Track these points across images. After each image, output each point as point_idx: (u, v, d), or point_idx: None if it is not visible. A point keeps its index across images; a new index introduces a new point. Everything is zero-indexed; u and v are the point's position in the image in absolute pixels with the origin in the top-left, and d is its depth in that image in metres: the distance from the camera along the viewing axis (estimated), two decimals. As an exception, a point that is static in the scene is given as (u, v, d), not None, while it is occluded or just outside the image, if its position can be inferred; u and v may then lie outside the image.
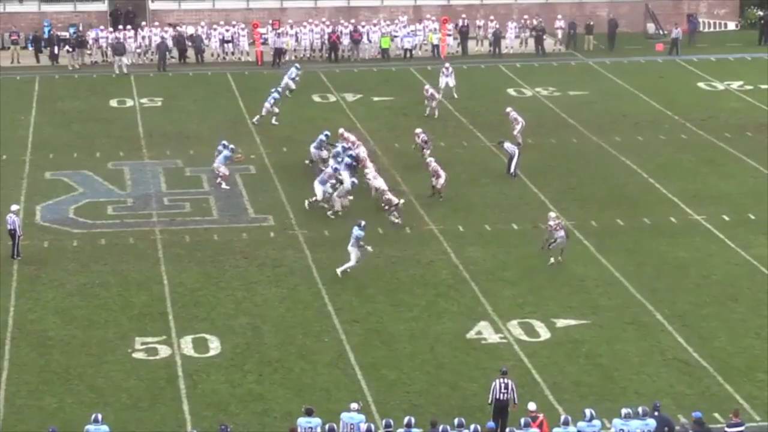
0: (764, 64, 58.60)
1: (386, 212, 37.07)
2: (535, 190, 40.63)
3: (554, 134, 47.02)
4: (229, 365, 28.63)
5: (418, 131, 43.02)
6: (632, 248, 35.76)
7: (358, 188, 38.39)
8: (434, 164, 39.40)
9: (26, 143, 45.58)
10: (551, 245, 34.41)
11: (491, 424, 24.56)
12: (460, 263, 34.61)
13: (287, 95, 49.78)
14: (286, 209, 38.73)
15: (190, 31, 59.60)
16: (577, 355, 29.26)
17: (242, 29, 59.65)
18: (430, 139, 43.04)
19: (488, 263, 34.69)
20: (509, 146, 42.15)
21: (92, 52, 58.52)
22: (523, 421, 24.01)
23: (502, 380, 25.48)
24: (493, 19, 61.49)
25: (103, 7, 62.75)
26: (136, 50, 58.82)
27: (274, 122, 47.53)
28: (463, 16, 61.60)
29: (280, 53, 57.97)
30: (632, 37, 63.86)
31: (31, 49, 59.04)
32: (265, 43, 59.11)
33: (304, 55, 59.52)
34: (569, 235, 35.07)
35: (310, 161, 41.92)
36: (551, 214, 35.19)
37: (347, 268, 33.57)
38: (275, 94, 48.06)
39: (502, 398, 25.34)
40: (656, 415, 24.41)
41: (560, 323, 30.86)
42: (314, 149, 41.86)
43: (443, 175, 39.22)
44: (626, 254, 35.30)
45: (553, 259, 34.41)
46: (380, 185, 38.33)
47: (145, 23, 60.26)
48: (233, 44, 59.57)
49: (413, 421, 23.97)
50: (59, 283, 33.25)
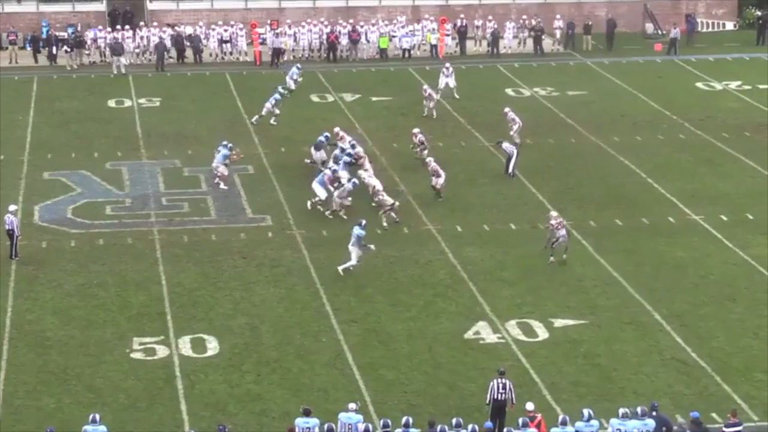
0: (762, 64, 58.61)
1: (381, 213, 36.98)
2: (533, 190, 40.62)
3: (552, 134, 47.01)
4: (227, 365, 28.63)
5: (415, 131, 43.04)
6: (630, 248, 35.76)
7: (358, 188, 38.33)
8: (434, 164, 39.41)
9: (24, 143, 45.57)
10: (554, 244, 34.42)
11: (489, 424, 24.56)
12: (458, 263, 34.61)
13: (286, 95, 49.75)
14: (284, 209, 38.72)
15: (188, 31, 59.58)
16: (575, 355, 29.26)
17: (240, 29, 59.63)
18: (427, 139, 43.02)
19: (486, 263, 34.68)
20: (507, 146, 42.13)
21: (90, 52, 58.49)
22: (521, 421, 24.04)
23: (499, 380, 25.48)
24: (491, 19, 61.47)
25: (101, 7, 62.75)
26: (134, 50, 58.79)
27: (272, 122, 47.51)
28: (461, 16, 61.62)
29: (278, 53, 57.97)
30: (631, 37, 63.84)
31: (29, 49, 58.98)
32: (263, 43, 59.09)
33: (302, 55, 59.50)
34: (569, 234, 35.11)
35: (311, 161, 41.87)
36: (552, 213, 35.17)
37: (349, 266, 33.57)
38: (276, 94, 48.04)
39: (500, 398, 25.35)
40: (654, 415, 24.42)
41: (558, 323, 30.85)
42: (314, 150, 41.85)
43: (443, 174, 39.21)
44: (624, 254, 35.30)
45: (553, 258, 34.40)
46: (375, 184, 38.28)
47: (143, 23, 60.26)
48: (231, 44, 59.54)
49: (411, 421, 23.98)
50: (57, 283, 33.24)
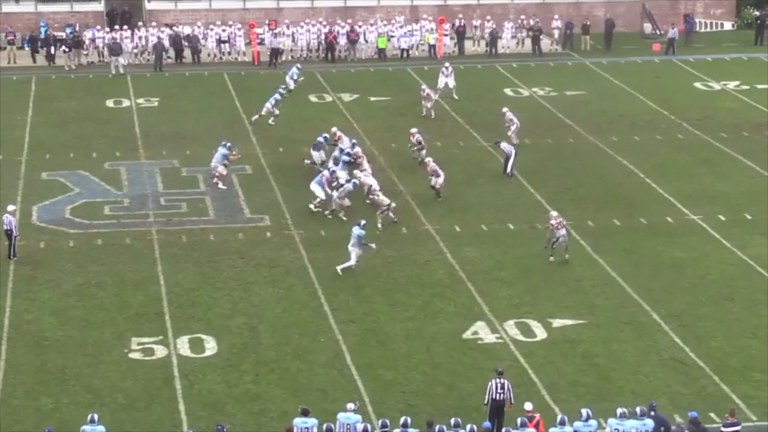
0: (761, 64, 58.64)
1: (378, 213, 36.89)
2: (531, 190, 40.62)
3: (551, 134, 47.00)
4: (225, 365, 28.62)
5: (413, 131, 42.99)
6: (629, 248, 35.76)
7: (358, 188, 38.30)
8: (433, 164, 39.35)
9: (23, 143, 45.56)
10: (554, 244, 34.42)
11: (487, 424, 24.56)
12: (456, 263, 34.60)
13: (286, 96, 49.70)
14: (282, 209, 38.72)
15: (186, 31, 59.60)
16: (573, 355, 29.26)
17: (239, 29, 59.64)
18: (425, 139, 42.99)
19: (484, 263, 34.68)
20: (506, 146, 42.13)
21: (89, 52, 58.48)
22: (519, 421, 24.05)
23: (498, 380, 25.49)
24: (489, 19, 61.45)
25: (99, 7, 62.72)
26: (132, 50, 58.79)
27: (271, 122, 47.48)
28: (459, 16, 61.59)
29: (276, 53, 57.97)
30: (629, 37, 63.85)
31: (27, 49, 58.98)
32: (261, 43, 59.09)
33: (300, 55, 59.48)
34: (569, 234, 35.12)
35: (311, 162, 41.79)
36: (552, 213, 35.12)
37: (348, 266, 33.56)
38: (277, 95, 47.99)
39: (498, 398, 25.36)
40: (652, 414, 24.41)
41: (557, 323, 30.85)
42: (313, 151, 41.83)
43: (442, 174, 39.17)
44: (623, 254, 35.30)
45: (553, 258, 34.41)
46: (372, 183, 38.22)
47: (141, 23, 60.24)
48: (230, 44, 59.54)
49: (409, 421, 23.98)
50: (56, 283, 33.23)
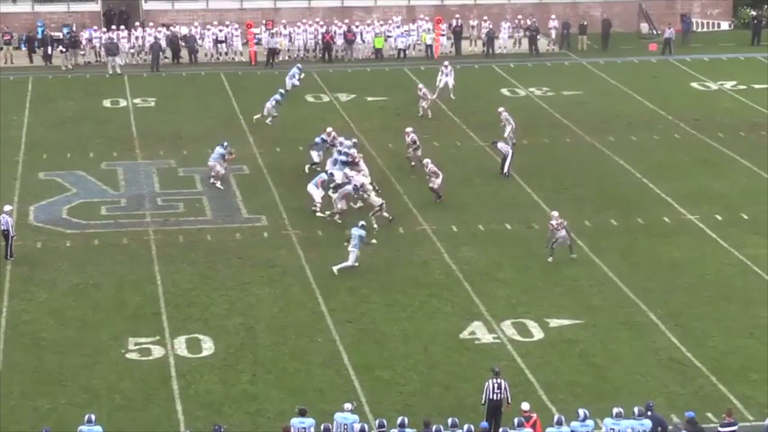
0: (757, 64, 58.68)
1: (371, 214, 36.78)
2: (528, 190, 40.62)
3: (548, 134, 47.01)
4: (222, 365, 28.61)
5: (408, 130, 42.77)
6: (626, 248, 35.77)
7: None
8: (431, 165, 39.22)
9: (19, 143, 45.51)
10: (553, 244, 34.43)
11: (485, 424, 24.53)
12: (453, 263, 34.60)
13: (285, 96, 49.54)
14: (279, 209, 38.70)
15: (183, 31, 59.60)
16: (570, 355, 29.26)
17: (236, 29, 59.64)
18: (421, 139, 42.90)
19: (482, 263, 34.68)
20: (503, 146, 42.12)
21: (85, 52, 58.46)
22: (516, 420, 24.02)
23: (495, 380, 25.48)
24: (486, 19, 61.49)
25: (96, 7, 62.67)
26: (129, 50, 58.78)
27: (268, 123, 47.42)
28: (456, 16, 61.60)
29: (273, 53, 57.96)
30: (626, 37, 63.89)
31: (24, 49, 58.97)
32: (258, 43, 59.09)
33: (297, 55, 59.47)
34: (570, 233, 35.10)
35: (312, 164, 41.52)
36: (553, 213, 35.01)
37: (345, 266, 33.54)
38: (277, 95, 47.90)
39: (495, 398, 25.35)
40: (649, 414, 24.41)
41: (554, 323, 30.85)
42: (312, 151, 41.74)
43: (441, 175, 39.10)
44: (620, 254, 35.30)
45: (551, 258, 34.40)
46: (364, 182, 38.05)
47: (138, 23, 60.21)
48: (227, 44, 59.54)
49: (407, 421, 23.96)
50: (52, 283, 33.20)
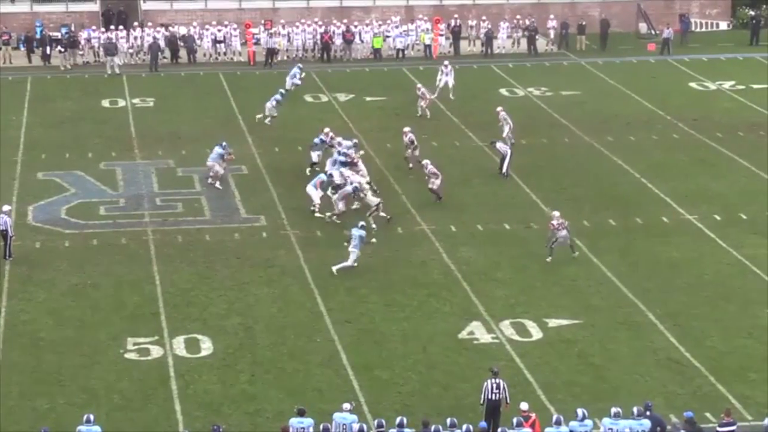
0: (756, 64, 58.69)
1: (368, 215, 36.72)
2: (527, 190, 40.63)
3: (546, 134, 47.01)
4: (221, 365, 28.61)
5: (406, 130, 42.70)
6: (624, 248, 35.77)
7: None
8: (431, 166, 39.15)
9: (18, 143, 45.50)
10: (553, 244, 34.44)
11: (483, 424, 24.54)
12: (452, 263, 34.60)
13: (286, 96, 49.51)
14: (278, 209, 38.70)
15: (182, 31, 59.59)
16: (569, 354, 29.26)
17: (234, 29, 59.63)
18: (418, 138, 42.81)
19: (480, 263, 34.68)
20: (501, 146, 42.12)
21: (84, 52, 58.45)
22: (515, 420, 24.03)
23: (493, 380, 25.49)
24: (485, 19, 61.51)
25: (95, 7, 62.66)
26: (128, 50, 58.77)
27: (267, 123, 47.43)
28: (455, 16, 61.59)
29: (272, 53, 57.96)
30: (624, 37, 63.91)
31: (22, 49, 58.95)
32: (257, 43, 59.08)
33: (296, 55, 59.47)
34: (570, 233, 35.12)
35: (311, 165, 41.52)
36: (555, 213, 35.01)
37: (345, 266, 33.53)
38: (278, 95, 47.88)
39: (494, 398, 25.36)
40: (648, 414, 24.43)
41: (552, 323, 30.85)
42: (311, 152, 41.75)
43: (440, 176, 39.06)
44: (618, 254, 35.31)
45: (550, 258, 34.41)
46: (361, 181, 38.04)
47: (137, 23, 60.20)
48: (225, 44, 59.53)
49: (405, 421, 23.98)
50: (51, 283, 33.20)
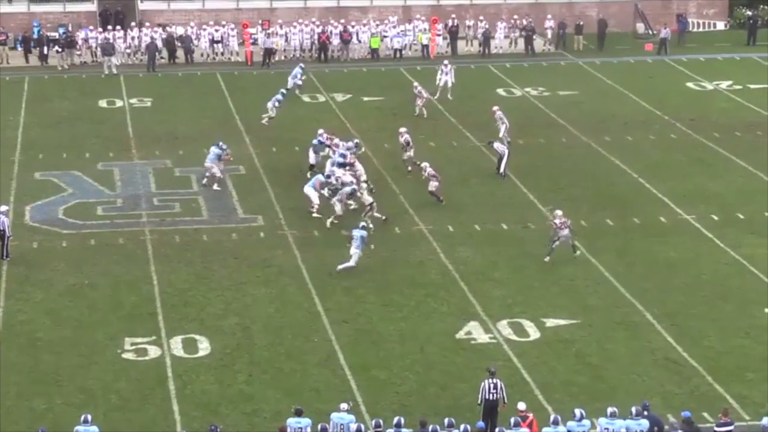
0: (753, 64, 58.72)
1: (363, 215, 36.66)
2: (524, 190, 40.63)
3: (544, 134, 47.01)
4: (218, 366, 28.60)
5: (402, 130, 42.55)
6: (622, 248, 35.78)
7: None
8: (430, 169, 39.05)
9: (15, 143, 45.49)
10: (554, 244, 34.44)
11: (481, 424, 24.57)
12: (449, 263, 34.60)
13: (286, 96, 49.43)
14: (275, 209, 38.69)
15: (179, 31, 59.57)
16: (566, 354, 29.27)
17: (232, 29, 59.61)
18: (414, 138, 42.75)
19: (478, 263, 34.68)
20: (499, 146, 42.11)
21: (81, 52, 58.44)
22: (512, 420, 24.04)
23: (490, 380, 25.49)
24: (482, 19, 61.51)
25: (92, 7, 62.66)
26: (125, 50, 58.75)
27: (264, 122, 47.37)
28: (452, 16, 61.63)
29: (269, 53, 57.97)
30: (622, 37, 63.92)
31: (20, 49, 58.91)
32: (254, 43, 59.07)
33: (293, 55, 59.49)
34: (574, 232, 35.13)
35: (310, 167, 41.46)
36: (557, 212, 34.96)
37: (348, 267, 33.52)
38: (279, 95, 47.83)
39: (491, 398, 25.36)
40: (646, 414, 24.44)
41: (550, 323, 30.86)
42: (310, 153, 41.70)
43: (440, 178, 38.97)
44: (616, 254, 35.32)
45: (548, 258, 34.42)
46: (352, 180, 37.93)
47: (134, 24, 60.19)
48: (223, 44, 59.53)
49: (403, 421, 23.97)
50: (49, 283, 33.18)
